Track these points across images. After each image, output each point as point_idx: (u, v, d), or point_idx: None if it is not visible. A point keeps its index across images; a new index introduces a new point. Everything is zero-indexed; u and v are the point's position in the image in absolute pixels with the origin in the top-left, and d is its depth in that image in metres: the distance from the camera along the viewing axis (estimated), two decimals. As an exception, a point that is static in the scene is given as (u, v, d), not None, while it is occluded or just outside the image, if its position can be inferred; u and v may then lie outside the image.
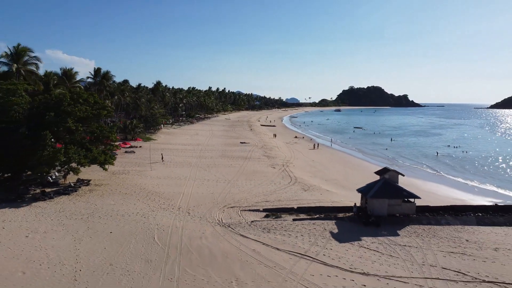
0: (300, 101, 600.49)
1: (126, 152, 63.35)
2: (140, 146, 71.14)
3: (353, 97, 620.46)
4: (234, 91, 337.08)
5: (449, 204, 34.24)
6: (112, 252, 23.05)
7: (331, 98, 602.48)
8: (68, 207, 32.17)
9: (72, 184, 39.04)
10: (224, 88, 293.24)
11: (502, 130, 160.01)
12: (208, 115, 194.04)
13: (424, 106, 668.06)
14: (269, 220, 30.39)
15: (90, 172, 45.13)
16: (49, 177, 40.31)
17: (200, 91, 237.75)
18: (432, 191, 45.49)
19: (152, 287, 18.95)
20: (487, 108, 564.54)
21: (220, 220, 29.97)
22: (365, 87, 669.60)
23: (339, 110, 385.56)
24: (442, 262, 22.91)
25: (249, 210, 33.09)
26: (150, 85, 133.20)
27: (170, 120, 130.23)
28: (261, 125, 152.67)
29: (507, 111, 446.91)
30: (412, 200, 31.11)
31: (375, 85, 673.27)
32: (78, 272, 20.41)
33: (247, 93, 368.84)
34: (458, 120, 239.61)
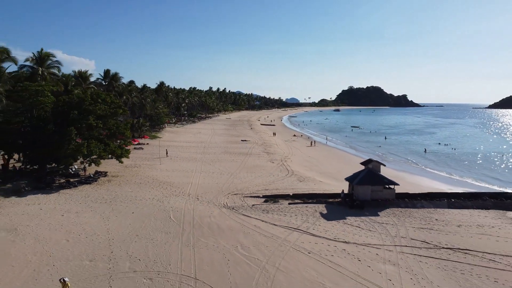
0: (300, 101, 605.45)
1: (135, 148, 67.90)
2: (147, 143, 75.72)
3: (352, 97, 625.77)
4: (234, 91, 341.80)
5: (426, 192, 38.89)
6: (136, 227, 27.62)
7: (331, 98, 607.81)
8: (92, 194, 36.77)
9: (92, 175, 43.62)
10: (225, 88, 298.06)
11: (492, 129, 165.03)
12: (209, 115, 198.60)
13: (423, 106, 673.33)
14: (268, 204, 34.98)
15: (105, 165, 49.63)
16: (70, 169, 44.97)
17: (201, 91, 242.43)
18: (416, 182, 50.01)
19: (173, 251, 23.48)
20: (485, 108, 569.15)
21: (226, 204, 34.56)
22: (365, 87, 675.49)
23: (338, 110, 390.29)
24: (412, 235, 27.50)
25: (250, 197, 37.66)
26: (150, 85, 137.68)
27: (173, 120, 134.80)
28: (261, 124, 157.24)
29: (503, 110, 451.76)
30: (392, 186, 35.72)
31: (374, 85, 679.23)
32: (111, 240, 24.97)
33: (247, 93, 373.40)
34: (453, 119, 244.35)
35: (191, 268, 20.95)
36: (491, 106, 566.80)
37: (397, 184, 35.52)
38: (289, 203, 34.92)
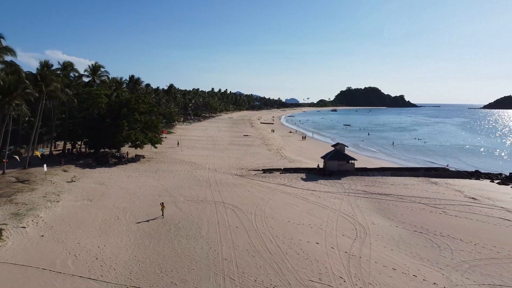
0: (299, 102, 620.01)
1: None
2: (166, 137, 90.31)
3: (350, 98, 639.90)
4: (234, 92, 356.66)
5: (379, 167, 53.81)
6: (179, 183, 42.45)
7: (329, 99, 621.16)
8: (140, 168, 51.65)
9: (133, 157, 58.49)
10: (226, 89, 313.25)
11: (470, 126, 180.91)
12: (213, 114, 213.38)
13: (420, 106, 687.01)
14: (265, 174, 49.85)
15: (140, 151, 64.38)
16: (116, 153, 59.80)
17: (204, 92, 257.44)
18: (377, 163, 64.65)
19: (207, 193, 38.24)
20: (480, 108, 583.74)
21: (236, 173, 49.45)
22: (363, 87, 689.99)
23: (335, 110, 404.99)
24: (358, 188, 42.40)
25: (253, 170, 52.53)
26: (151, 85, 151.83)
27: (181, 118, 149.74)
28: (261, 123, 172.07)
29: (495, 110, 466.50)
30: (352, 161, 50.63)
31: (372, 86, 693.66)
32: (166, 189, 39.80)
33: (248, 94, 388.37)
34: (441, 119, 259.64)
35: (220, 198, 35.87)
36: (486, 107, 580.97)
37: (356, 160, 50.50)
38: (280, 173, 49.87)
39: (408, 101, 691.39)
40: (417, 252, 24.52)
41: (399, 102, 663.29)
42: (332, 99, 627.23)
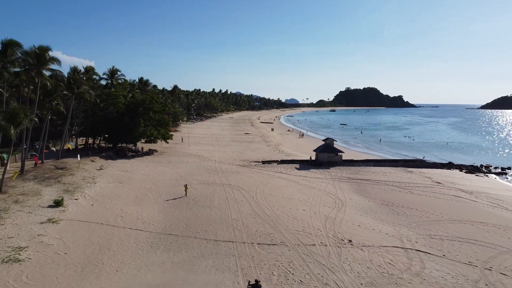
0: (299, 102, 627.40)
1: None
2: (173, 134, 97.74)
3: (349, 98, 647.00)
4: (235, 92, 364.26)
5: (364, 159, 61.36)
6: (191, 171, 49.94)
7: (328, 99, 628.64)
8: (154, 159, 59.11)
9: (148, 151, 65.98)
10: (227, 90, 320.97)
11: (461, 125, 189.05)
12: (214, 114, 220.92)
13: (419, 106, 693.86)
14: (264, 164, 57.35)
15: (151, 146, 71.88)
16: (132, 148, 67.25)
17: (206, 92, 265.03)
18: (364, 157, 72.37)
19: (216, 178, 45.68)
20: (477, 108, 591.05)
21: (239, 164, 56.96)
22: (361, 88, 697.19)
23: (333, 110, 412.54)
24: (343, 175, 49.91)
25: (254, 161, 60.03)
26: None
27: (185, 118, 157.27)
28: (261, 122, 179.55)
29: (491, 111, 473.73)
30: (340, 154, 58.17)
31: (371, 86, 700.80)
32: (181, 175, 47.26)
33: (248, 94, 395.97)
34: (435, 118, 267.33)
35: (227, 181, 43.38)
36: (483, 107, 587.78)
37: (343, 152, 58.10)
38: (278, 164, 57.41)
39: (407, 101, 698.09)
40: (380, 217, 32.07)
41: (398, 102, 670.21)
42: (331, 99, 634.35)
